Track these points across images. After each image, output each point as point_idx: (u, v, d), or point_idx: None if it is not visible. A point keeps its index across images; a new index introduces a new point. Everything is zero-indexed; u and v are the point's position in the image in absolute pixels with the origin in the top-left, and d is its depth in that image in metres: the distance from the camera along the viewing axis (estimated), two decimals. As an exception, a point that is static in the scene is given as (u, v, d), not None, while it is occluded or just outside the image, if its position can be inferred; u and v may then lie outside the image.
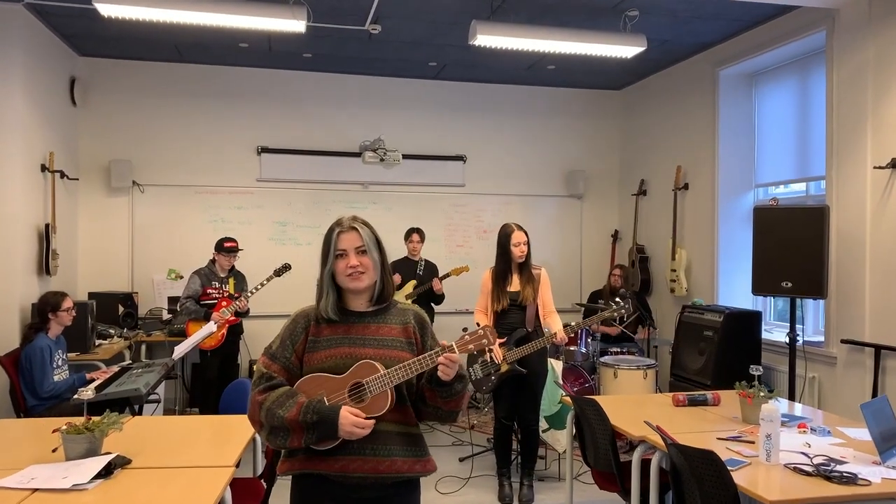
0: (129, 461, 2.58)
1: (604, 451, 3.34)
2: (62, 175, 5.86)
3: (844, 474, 2.52)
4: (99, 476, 2.39)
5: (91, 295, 6.06)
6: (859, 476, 2.50)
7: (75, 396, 2.66)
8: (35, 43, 5.39)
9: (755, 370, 3.37)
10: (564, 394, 3.88)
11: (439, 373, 1.96)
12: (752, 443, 2.94)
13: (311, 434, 1.91)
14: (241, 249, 5.61)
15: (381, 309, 2.10)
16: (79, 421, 2.64)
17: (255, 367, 2.07)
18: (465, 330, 2.18)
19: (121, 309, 6.09)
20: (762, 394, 3.27)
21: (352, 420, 1.90)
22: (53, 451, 2.67)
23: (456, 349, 1.99)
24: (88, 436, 2.55)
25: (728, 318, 4.86)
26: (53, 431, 2.61)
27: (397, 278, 6.11)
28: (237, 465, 2.65)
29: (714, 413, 3.53)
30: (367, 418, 1.92)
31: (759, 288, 4.55)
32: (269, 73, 6.80)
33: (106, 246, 6.47)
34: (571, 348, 5.71)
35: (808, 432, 3.13)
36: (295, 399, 1.93)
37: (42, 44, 5.54)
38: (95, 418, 2.68)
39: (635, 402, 3.82)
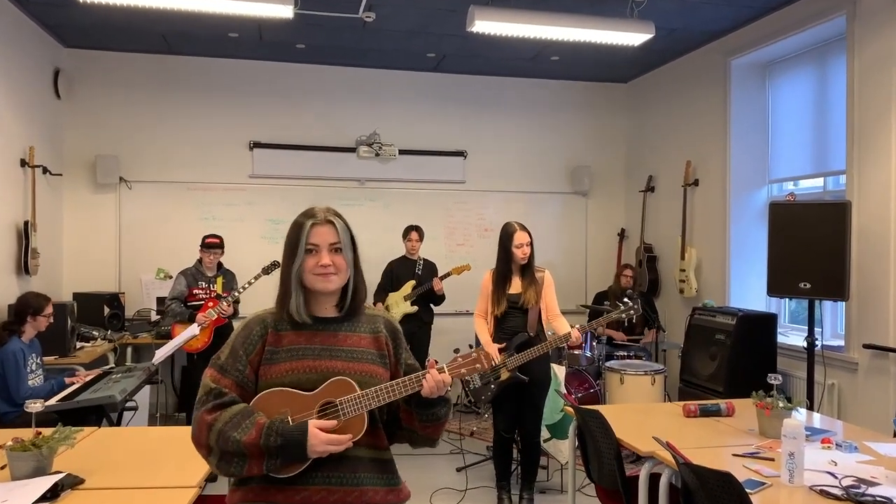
0: (80, 481, 2.32)
1: (608, 466, 3.08)
2: (45, 171, 5.63)
3: (878, 498, 2.24)
4: (44, 499, 2.14)
5: (76, 295, 5.84)
6: (895, 501, 2.23)
7: (25, 408, 2.42)
8: (15, 33, 5.16)
9: (774, 379, 3.10)
10: (567, 403, 3.62)
11: (423, 390, 1.71)
12: (772, 460, 2.67)
13: (273, 460, 1.64)
14: (222, 246, 5.35)
15: (349, 314, 1.84)
16: (28, 435, 2.40)
17: (201, 381, 1.77)
18: (456, 352, 1.92)
19: (106, 310, 5.85)
20: (781, 405, 3.00)
21: (324, 438, 1.63)
22: (2, 467, 2.42)
23: (445, 369, 1.74)
24: (35, 453, 2.30)
25: (742, 320, 4.58)
26: (-2, 447, 2.37)
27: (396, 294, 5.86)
28: (208, 482, 2.40)
29: (728, 425, 3.25)
30: None
31: (774, 289, 4.27)
32: (261, 65, 6.56)
33: (92, 244, 6.24)
34: (576, 352, 5.44)
35: (833, 448, 2.85)
36: (253, 419, 1.65)
37: (23, 34, 5.31)
38: (47, 431, 2.44)
39: (642, 413, 3.55)
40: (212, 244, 5.29)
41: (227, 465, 1.67)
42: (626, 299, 4.00)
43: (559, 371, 4.42)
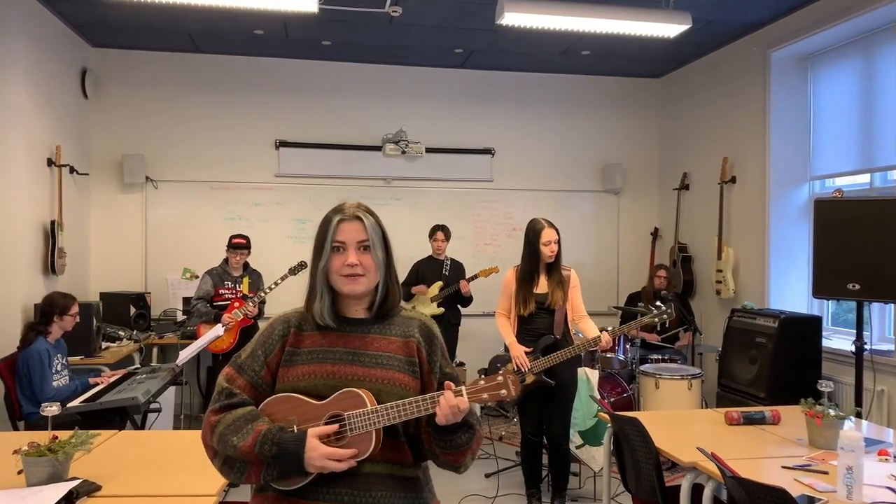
0: (97, 488, 2.24)
1: (647, 476, 2.92)
2: (72, 170, 5.61)
3: (947, 519, 2.06)
4: (58, 506, 2.06)
5: (102, 295, 5.82)
6: (967, 521, 2.05)
7: (40, 412, 2.36)
8: (42, 33, 5.15)
9: (825, 386, 2.92)
10: (601, 409, 3.47)
11: (437, 417, 1.54)
12: (826, 473, 2.49)
13: (270, 470, 1.54)
14: (249, 247, 5.29)
15: (382, 317, 1.71)
16: (45, 438, 2.32)
17: (217, 379, 1.66)
18: (482, 374, 1.74)
19: (132, 310, 5.82)
20: (833, 413, 2.81)
21: (324, 451, 1.51)
22: (19, 472, 2.35)
23: (465, 395, 1.55)
24: (51, 458, 2.22)
25: (784, 323, 4.37)
26: (14, 452, 2.29)
27: (420, 289, 5.74)
28: (231, 486, 2.30)
29: (774, 434, 3.07)
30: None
31: (820, 290, 4.06)
32: (286, 63, 6.49)
33: (118, 244, 6.22)
34: (608, 355, 5.28)
35: (891, 460, 2.66)
36: (254, 424, 1.55)
37: (50, 34, 5.30)
38: (65, 434, 2.36)
39: (682, 420, 3.39)
40: (238, 244, 5.23)
41: (229, 469, 1.58)
42: (659, 303, 3.83)
43: (592, 375, 4.26)
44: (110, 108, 6.21)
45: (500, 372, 1.63)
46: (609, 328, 3.97)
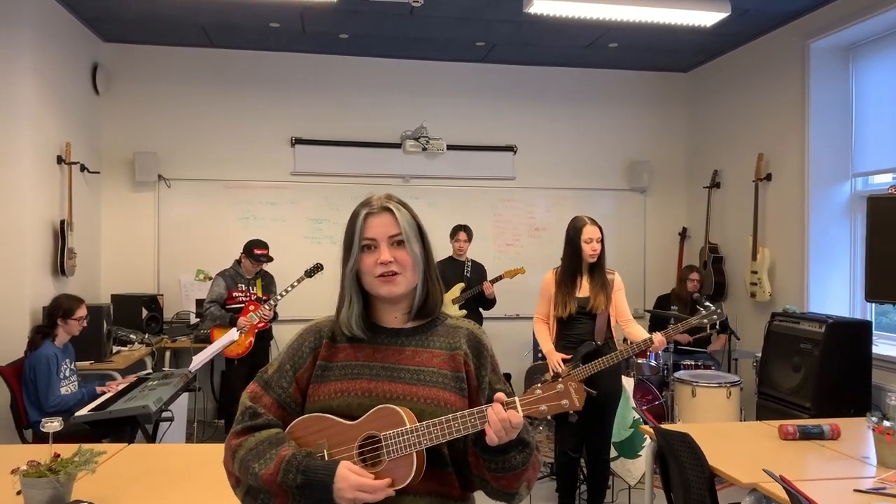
0: (102, 512, 2.04)
1: (698, 496, 2.68)
2: (82, 168, 5.44)
3: None
4: (58, 534, 1.86)
5: (113, 297, 5.65)
6: None
7: (41, 427, 2.17)
8: (52, 27, 4.98)
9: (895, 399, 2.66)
10: (643, 420, 3.23)
11: (486, 435, 1.32)
12: (904, 498, 2.25)
13: (296, 502, 1.34)
14: (270, 258, 5.10)
15: (423, 326, 1.49)
16: (46, 456, 2.12)
17: (241, 397, 1.47)
18: (541, 381, 1.49)
19: (144, 312, 5.64)
20: (906, 429, 2.56)
21: (355, 482, 1.30)
22: (18, 493, 2.15)
23: (519, 408, 1.33)
24: (52, 480, 2.02)
25: (832, 328, 4.11)
26: (12, 472, 2.09)
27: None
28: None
29: (835, 451, 2.82)
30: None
31: (874, 293, 3.80)
32: (303, 57, 6.29)
33: (130, 244, 6.04)
34: (640, 361, 5.03)
35: (974, 483, 2.41)
36: (278, 450, 1.35)
37: (61, 28, 5.13)
38: (70, 449, 2.16)
39: (730, 434, 3.14)
40: (261, 256, 5.02)
41: (252, 501, 1.39)
42: (707, 303, 3.58)
43: (628, 384, 4.02)
44: (122, 104, 6.03)
45: (562, 378, 1.39)
46: (663, 330, 3.68)
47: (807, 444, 2.92)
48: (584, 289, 3.68)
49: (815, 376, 4.12)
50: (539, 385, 1.37)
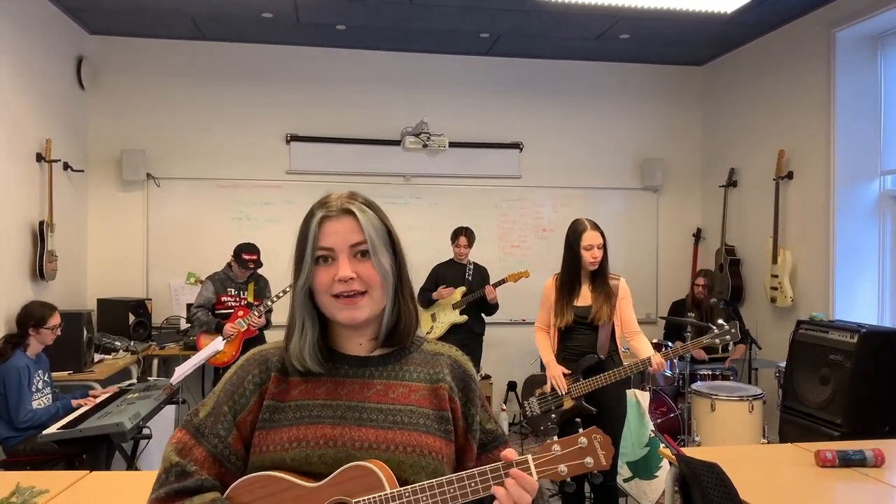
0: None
1: (726, 533, 2.38)
2: (66, 166, 5.17)
3: None
4: None
5: (99, 302, 5.38)
6: None
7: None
8: (33, 16, 4.71)
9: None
10: (664, 444, 2.93)
11: (497, 501, 1.05)
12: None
13: None
14: (260, 264, 4.82)
15: (395, 353, 1.20)
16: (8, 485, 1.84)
17: (164, 448, 1.12)
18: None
19: (131, 318, 5.36)
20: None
21: None
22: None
23: (532, 468, 1.06)
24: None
25: (865, 338, 3.78)
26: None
27: (447, 292, 5.22)
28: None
29: (881, 480, 2.51)
30: None
31: (913, 301, 3.48)
32: (298, 50, 6.00)
33: (117, 246, 5.76)
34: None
35: None
36: None
37: (43, 18, 4.86)
38: (13, 478, 1.88)
39: (759, 459, 2.83)
40: (249, 261, 4.74)
41: None
42: (721, 321, 3.29)
43: (643, 398, 3.71)
44: (108, 99, 5.75)
45: (583, 431, 1.10)
46: (663, 351, 3.44)
47: (848, 472, 2.61)
48: (584, 297, 3.40)
49: (847, 390, 3.80)
50: (556, 440, 1.08)
